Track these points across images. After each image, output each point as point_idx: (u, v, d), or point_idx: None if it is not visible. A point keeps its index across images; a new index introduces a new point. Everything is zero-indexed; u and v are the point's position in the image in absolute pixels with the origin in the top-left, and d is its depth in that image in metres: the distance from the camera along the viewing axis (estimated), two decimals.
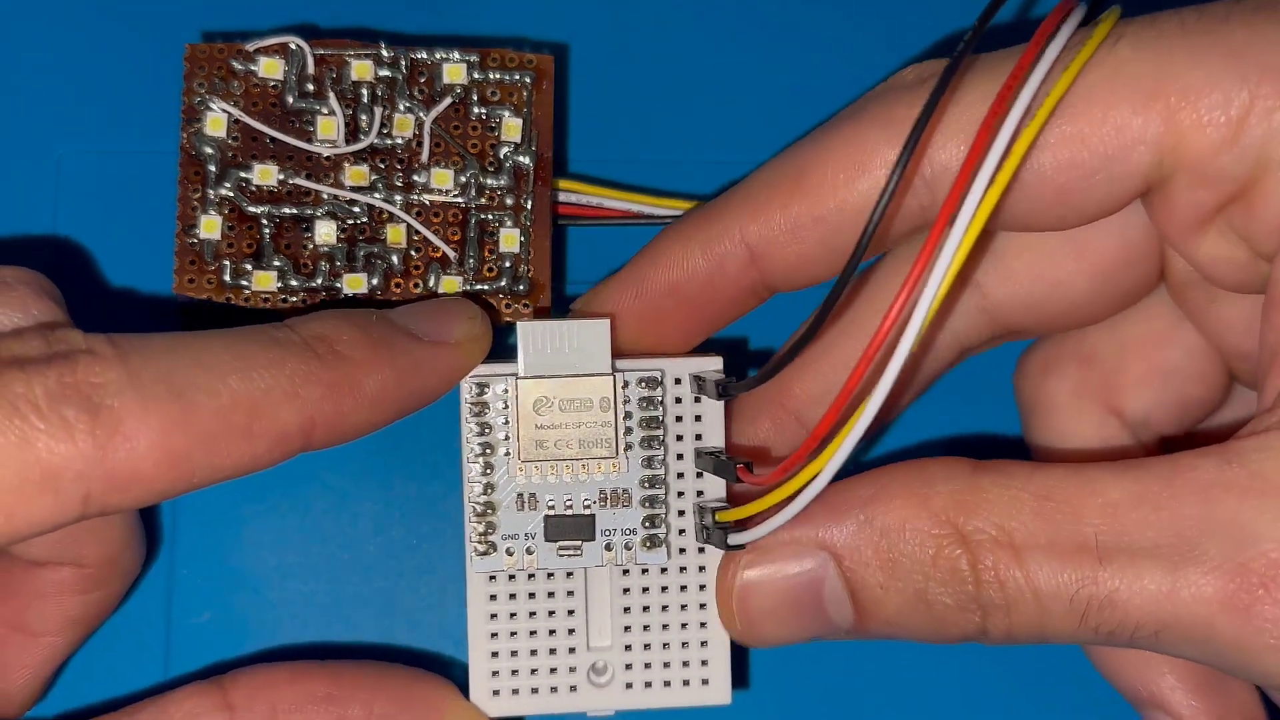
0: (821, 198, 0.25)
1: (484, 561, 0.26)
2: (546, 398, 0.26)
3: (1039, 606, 0.23)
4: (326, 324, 0.25)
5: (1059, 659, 0.32)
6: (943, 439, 0.33)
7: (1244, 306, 0.26)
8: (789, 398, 0.29)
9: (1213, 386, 0.28)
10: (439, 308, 0.27)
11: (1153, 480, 0.23)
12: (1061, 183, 0.24)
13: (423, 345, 0.25)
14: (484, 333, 0.27)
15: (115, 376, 0.22)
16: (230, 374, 0.23)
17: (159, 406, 0.22)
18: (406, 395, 0.25)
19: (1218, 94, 0.22)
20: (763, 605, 0.26)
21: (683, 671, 0.27)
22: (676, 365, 0.27)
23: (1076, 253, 0.27)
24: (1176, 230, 0.24)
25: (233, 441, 0.23)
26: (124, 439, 0.21)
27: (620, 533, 0.26)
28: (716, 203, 0.27)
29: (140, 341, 0.23)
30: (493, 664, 0.27)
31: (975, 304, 0.28)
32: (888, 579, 0.24)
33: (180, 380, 0.22)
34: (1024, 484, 0.23)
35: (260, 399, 0.23)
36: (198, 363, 0.23)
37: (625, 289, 0.28)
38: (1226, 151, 0.23)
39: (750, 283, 0.27)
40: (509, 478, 0.26)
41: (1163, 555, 0.22)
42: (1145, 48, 0.23)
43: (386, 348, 0.25)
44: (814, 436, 0.23)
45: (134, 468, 0.22)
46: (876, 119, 0.25)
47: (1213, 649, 0.22)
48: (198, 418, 0.22)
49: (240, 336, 0.24)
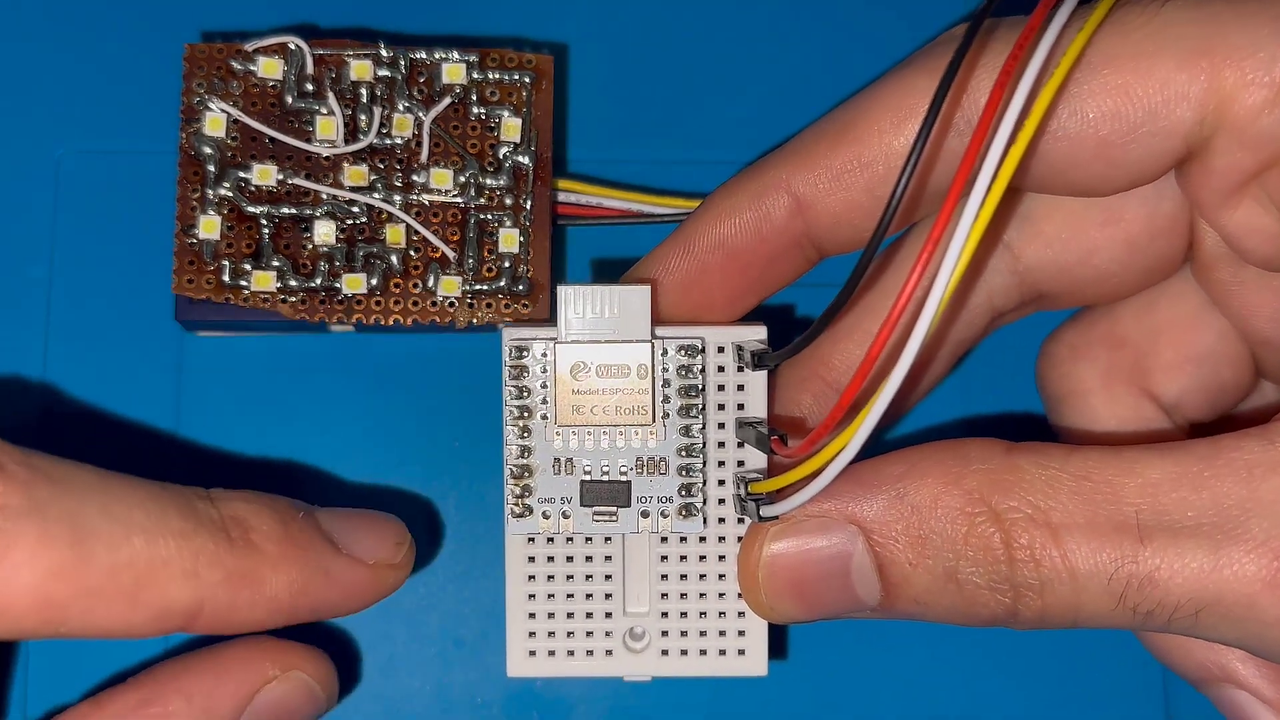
0: (868, 144, 0.25)
1: (520, 523, 0.26)
2: (584, 363, 0.26)
3: (1075, 586, 0.23)
4: (250, 506, 0.24)
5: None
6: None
7: (1269, 294, 0.26)
8: (828, 369, 0.28)
9: (1244, 371, 0.28)
10: (370, 524, 0.26)
11: (1194, 461, 0.22)
12: (1104, 134, 0.23)
13: (339, 559, 0.25)
14: (405, 563, 0.26)
15: (17, 502, 0.21)
16: (136, 534, 0.22)
17: (52, 546, 0.21)
18: (307, 603, 0.24)
19: (1264, 55, 0.22)
20: (788, 580, 0.25)
21: (719, 641, 0.27)
22: (718, 334, 0.27)
23: (1106, 220, 0.27)
24: (1210, 195, 0.24)
25: (114, 604, 0.22)
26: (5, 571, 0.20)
27: (656, 500, 0.26)
28: (766, 158, 0.27)
29: (58, 468, 0.22)
30: (529, 625, 0.27)
31: (1006, 265, 0.28)
32: (917, 555, 0.24)
33: (84, 525, 0.21)
34: (1061, 464, 0.23)
35: (157, 567, 0.22)
36: (106, 512, 0.22)
37: (673, 249, 0.27)
38: (1269, 113, 0.22)
39: (796, 235, 0.26)
40: (546, 441, 0.26)
41: (1204, 534, 0.22)
42: (1193, 9, 0.23)
43: (301, 550, 0.24)
44: (839, 407, 0.22)
45: (7, 602, 0.21)
46: (923, 68, 0.25)
47: (1254, 629, 0.22)
48: (88, 571, 0.21)
49: (160, 495, 0.23)
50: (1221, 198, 0.24)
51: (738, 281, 0.27)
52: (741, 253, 0.27)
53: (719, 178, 0.32)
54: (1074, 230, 0.27)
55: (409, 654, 0.31)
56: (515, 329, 0.26)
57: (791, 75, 0.33)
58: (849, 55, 0.33)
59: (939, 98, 0.22)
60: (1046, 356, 0.30)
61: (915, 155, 0.22)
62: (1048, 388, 0.30)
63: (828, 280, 0.30)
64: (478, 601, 0.31)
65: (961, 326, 0.29)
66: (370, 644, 0.31)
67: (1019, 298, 0.28)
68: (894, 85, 0.25)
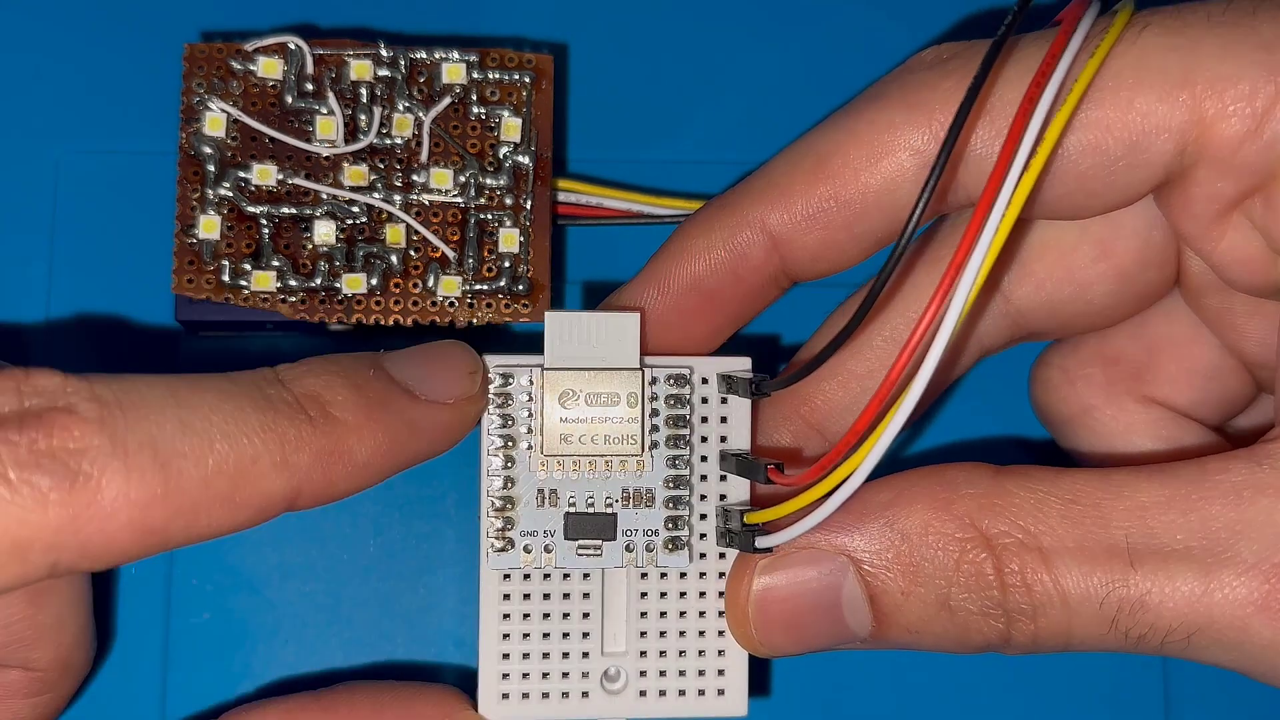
0: (844, 182, 0.25)
1: (500, 558, 0.25)
2: (573, 390, 0.25)
3: (1067, 611, 0.22)
4: (320, 379, 0.23)
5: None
6: (947, 447, 0.33)
7: (1259, 319, 0.26)
8: (810, 409, 0.28)
9: (1251, 380, 0.28)
10: (440, 358, 0.25)
11: (1181, 483, 0.22)
12: (1084, 168, 0.23)
13: (419, 405, 0.24)
14: (482, 392, 0.26)
15: (97, 443, 0.20)
16: (218, 439, 0.22)
17: (141, 478, 0.21)
18: (398, 459, 0.24)
19: (1244, 85, 0.22)
20: (778, 613, 0.25)
21: (698, 681, 0.26)
22: (704, 364, 0.26)
23: (1098, 255, 0.27)
24: (1194, 225, 0.24)
25: (214, 510, 0.22)
26: (101, 511, 0.20)
27: (642, 533, 0.26)
28: (735, 191, 0.26)
29: (126, 394, 0.21)
30: (503, 666, 0.26)
31: (998, 308, 0.28)
32: (909, 584, 0.23)
33: (166, 447, 0.21)
34: (1050, 487, 0.23)
35: (247, 467, 0.22)
36: (185, 426, 0.21)
37: (646, 288, 0.27)
38: (1250, 143, 0.22)
39: (773, 271, 0.26)
40: (530, 472, 0.25)
41: (1194, 557, 0.22)
42: (1172, 37, 0.23)
43: (382, 409, 0.24)
44: (853, 433, 0.22)
45: (108, 539, 0.20)
46: (899, 101, 0.24)
47: (1247, 653, 0.22)
48: (181, 489, 0.21)
49: (232, 392, 0.22)
50: (1204, 227, 0.24)
51: (714, 318, 0.27)
52: (718, 292, 0.26)
53: (719, 177, 0.32)
54: (1065, 269, 0.27)
55: (408, 654, 0.31)
56: (497, 356, 0.25)
57: (791, 75, 0.33)
58: (849, 55, 0.33)
59: (949, 141, 0.22)
60: (1040, 383, 0.30)
61: (922, 204, 0.22)
62: (1049, 413, 0.30)
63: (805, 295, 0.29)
64: (475, 604, 0.31)
65: (951, 367, 0.28)
66: (370, 644, 0.31)
67: (1008, 337, 0.28)
68: (869, 120, 0.25)
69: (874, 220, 0.25)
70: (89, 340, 0.31)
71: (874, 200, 0.25)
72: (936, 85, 0.24)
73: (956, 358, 0.28)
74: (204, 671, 0.30)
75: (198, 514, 0.21)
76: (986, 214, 0.22)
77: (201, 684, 0.30)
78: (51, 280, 0.31)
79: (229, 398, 0.22)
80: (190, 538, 0.22)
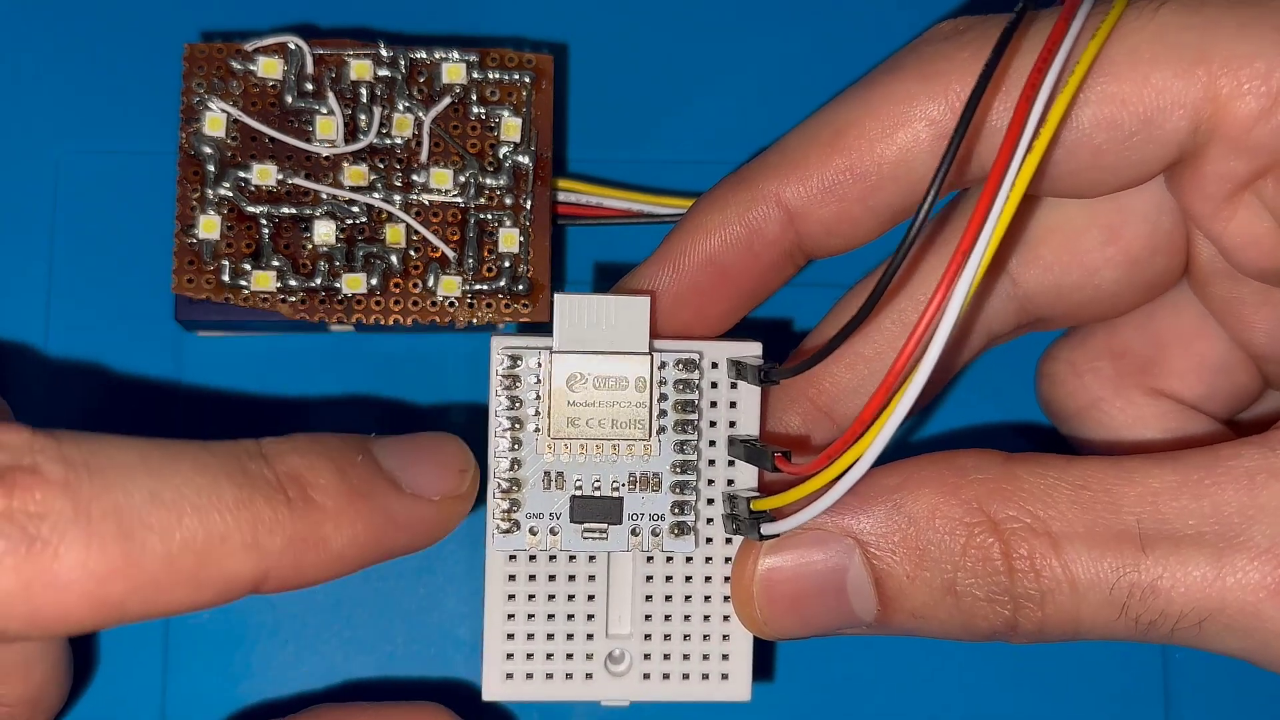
0: (860, 154, 0.25)
1: (506, 540, 0.25)
2: (581, 374, 0.25)
3: (1075, 597, 0.22)
4: (305, 459, 0.22)
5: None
6: (955, 434, 0.33)
7: (1267, 310, 0.26)
8: (818, 392, 0.28)
9: (1259, 374, 0.28)
10: (431, 451, 0.25)
11: (1193, 469, 0.22)
12: (1099, 142, 0.23)
13: (403, 499, 0.23)
14: (470, 492, 0.25)
15: (59, 507, 0.19)
16: (188, 513, 0.20)
17: (102, 549, 0.20)
18: (374, 552, 0.23)
19: (1260, 63, 0.22)
20: (783, 595, 0.25)
21: (702, 664, 0.26)
22: (715, 349, 0.26)
23: (1106, 239, 0.27)
24: (1205, 204, 0.24)
25: (176, 588, 0.21)
26: (56, 580, 0.19)
27: (648, 518, 0.26)
28: (750, 166, 0.26)
29: (95, 456, 0.20)
30: (507, 646, 0.26)
31: (1005, 291, 0.28)
32: (915, 568, 0.23)
33: (132, 517, 0.20)
34: (1060, 473, 0.23)
35: (216, 545, 0.21)
36: (155, 496, 0.20)
37: (661, 266, 0.26)
38: (1265, 122, 0.22)
39: (788, 247, 0.26)
40: (536, 454, 0.25)
41: (1206, 543, 0.22)
42: (1190, 15, 0.23)
43: (364, 499, 0.23)
44: (860, 421, 0.22)
45: (62, 610, 0.20)
46: (915, 72, 0.24)
47: (1259, 639, 0.22)
48: (143, 564, 0.20)
49: (208, 464, 0.21)
50: (1215, 206, 0.24)
51: (729, 296, 0.27)
52: (733, 268, 0.26)
53: (719, 177, 0.32)
54: (1073, 252, 0.27)
55: (409, 654, 0.31)
56: (506, 338, 0.26)
57: (791, 75, 0.33)
58: (849, 55, 0.33)
59: (964, 121, 0.22)
60: (1047, 377, 0.30)
61: (939, 181, 0.22)
62: (1056, 407, 0.30)
63: (816, 280, 0.29)
64: (477, 600, 0.31)
65: (959, 349, 0.28)
66: (370, 643, 0.31)
67: (1016, 323, 0.28)
68: (885, 92, 0.25)
69: (890, 193, 0.25)
70: (89, 340, 0.31)
71: (889, 172, 0.25)
72: (953, 56, 0.24)
73: (964, 341, 0.28)
74: (204, 672, 0.30)
75: (159, 590, 0.20)
76: (998, 186, 0.21)
77: (201, 684, 0.30)
78: (51, 280, 0.31)
79: (204, 470, 0.21)
80: (148, 614, 0.21)
